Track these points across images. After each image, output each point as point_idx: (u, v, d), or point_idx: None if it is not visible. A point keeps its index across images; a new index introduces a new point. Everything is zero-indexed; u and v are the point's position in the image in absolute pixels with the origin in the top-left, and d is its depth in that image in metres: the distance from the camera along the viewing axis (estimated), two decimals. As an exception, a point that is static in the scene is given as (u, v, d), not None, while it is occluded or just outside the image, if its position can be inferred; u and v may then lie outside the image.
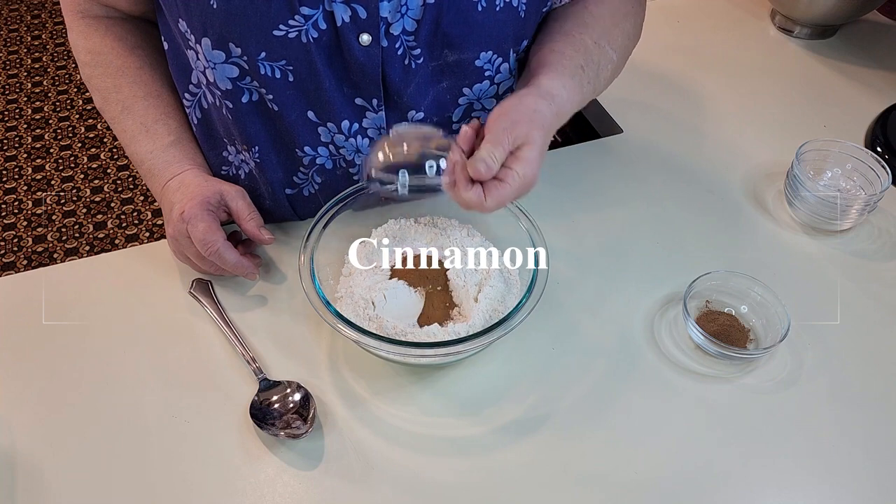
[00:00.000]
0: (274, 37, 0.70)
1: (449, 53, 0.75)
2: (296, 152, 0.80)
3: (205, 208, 0.76)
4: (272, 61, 0.72)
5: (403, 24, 0.72)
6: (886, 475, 0.68)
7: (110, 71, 0.82)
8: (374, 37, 0.71)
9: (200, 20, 0.70)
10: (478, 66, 0.77)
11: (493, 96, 0.81)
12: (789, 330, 0.74)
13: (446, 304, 0.75)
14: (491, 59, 0.77)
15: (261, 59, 0.71)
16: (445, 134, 0.69)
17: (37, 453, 0.68)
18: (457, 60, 0.76)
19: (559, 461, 0.68)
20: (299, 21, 0.69)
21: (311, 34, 0.70)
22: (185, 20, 0.72)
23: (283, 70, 0.72)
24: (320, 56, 0.72)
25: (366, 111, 0.77)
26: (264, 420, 0.69)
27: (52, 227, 2.10)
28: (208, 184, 0.79)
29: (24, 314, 0.79)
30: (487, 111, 0.82)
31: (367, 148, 0.80)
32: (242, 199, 0.79)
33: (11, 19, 2.81)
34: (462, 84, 0.78)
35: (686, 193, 0.93)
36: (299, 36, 0.70)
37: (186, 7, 0.70)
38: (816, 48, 1.17)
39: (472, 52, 0.76)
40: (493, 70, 0.78)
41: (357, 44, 0.71)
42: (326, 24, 0.70)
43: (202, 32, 0.71)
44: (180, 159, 0.81)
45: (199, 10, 0.70)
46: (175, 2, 0.71)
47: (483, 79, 0.78)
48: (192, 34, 0.72)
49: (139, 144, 0.81)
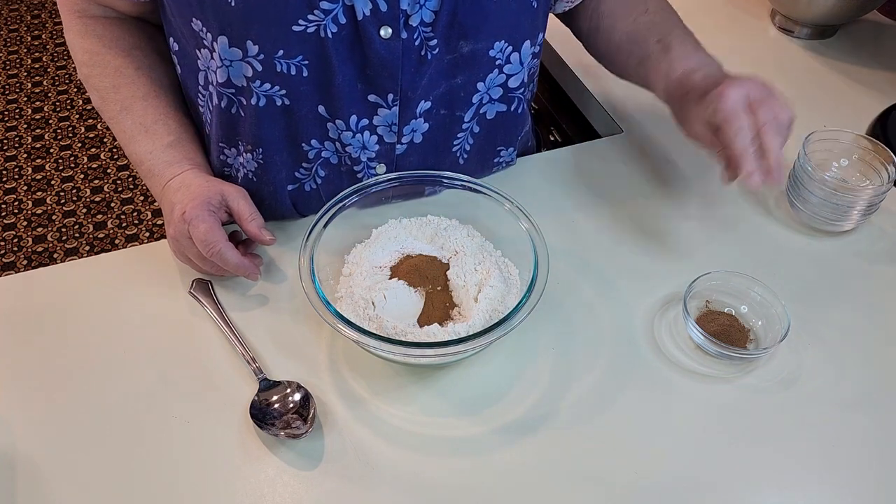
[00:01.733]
0: (293, 32, 0.70)
1: (464, 44, 0.76)
2: (301, 146, 0.80)
3: (206, 209, 0.76)
4: (289, 58, 0.71)
5: (422, 16, 0.72)
6: (887, 475, 0.68)
7: (108, 71, 0.82)
8: (395, 30, 0.71)
9: (217, 18, 0.70)
10: (491, 55, 0.78)
11: (500, 85, 0.82)
12: (789, 330, 0.74)
13: (446, 304, 0.75)
14: (503, 48, 0.78)
15: (277, 57, 0.71)
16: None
17: (37, 453, 0.68)
18: (471, 51, 0.77)
19: (559, 461, 0.68)
20: (318, 16, 0.69)
21: (331, 29, 0.70)
22: (201, 19, 0.72)
23: (298, 66, 0.72)
24: (338, 51, 0.72)
25: (378, 108, 0.77)
26: (264, 420, 0.69)
27: (52, 227, 2.10)
28: (209, 184, 0.79)
29: (24, 314, 0.79)
30: (494, 101, 0.83)
31: (375, 146, 0.80)
32: (244, 200, 0.79)
33: (11, 19, 2.81)
34: (476, 78, 0.79)
35: (686, 193, 0.93)
36: (318, 31, 0.70)
37: (202, 5, 0.70)
38: (816, 48, 1.17)
39: (486, 41, 0.76)
40: (503, 59, 0.79)
41: (378, 37, 0.71)
42: (346, 19, 0.70)
43: (219, 30, 0.71)
44: (180, 159, 0.81)
45: (216, 8, 0.69)
46: (189, 1, 0.71)
47: (494, 68, 0.79)
48: (209, 32, 0.72)
49: (138, 144, 0.81)
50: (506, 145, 0.90)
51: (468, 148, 0.87)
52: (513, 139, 0.91)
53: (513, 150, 0.92)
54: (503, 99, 0.84)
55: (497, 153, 0.91)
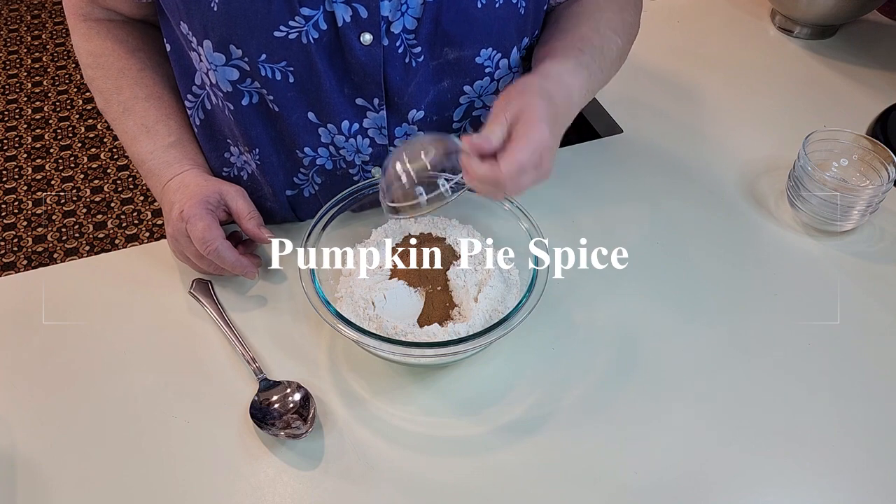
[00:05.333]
0: (274, 38, 0.70)
1: (449, 51, 0.75)
2: (296, 153, 0.80)
3: (204, 207, 0.76)
4: (273, 63, 0.72)
5: (404, 23, 0.72)
6: (887, 475, 0.68)
7: (111, 73, 0.82)
8: (375, 36, 0.71)
9: (201, 22, 0.70)
10: (478, 62, 0.77)
11: (493, 93, 0.81)
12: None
13: (446, 304, 0.75)
14: (491, 55, 0.77)
15: (261, 61, 0.71)
16: (449, 137, 0.69)
17: (37, 453, 0.68)
18: (457, 58, 0.76)
19: (559, 461, 0.68)
20: (299, 22, 0.69)
21: (312, 35, 0.70)
22: (187, 23, 0.72)
23: (283, 71, 0.72)
24: (321, 56, 0.72)
25: (366, 111, 0.77)
26: (264, 420, 0.69)
27: (52, 227, 2.10)
28: (208, 183, 0.79)
29: (24, 314, 0.79)
30: (488, 108, 0.82)
31: (368, 149, 0.80)
32: (242, 199, 0.79)
33: (11, 19, 2.81)
34: (463, 82, 0.78)
35: (686, 193, 0.93)
36: (300, 37, 0.70)
37: (188, 10, 0.71)
38: (816, 48, 1.17)
39: (472, 49, 0.76)
40: (493, 66, 0.78)
41: (358, 43, 0.71)
42: (327, 25, 0.70)
43: (203, 35, 0.71)
44: (180, 159, 0.81)
45: (200, 13, 0.70)
46: (176, 5, 0.71)
47: (483, 75, 0.79)
48: (194, 36, 0.72)
49: (140, 145, 0.81)
50: None
51: None
52: None
53: None
54: None
55: None
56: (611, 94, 1.07)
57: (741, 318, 0.80)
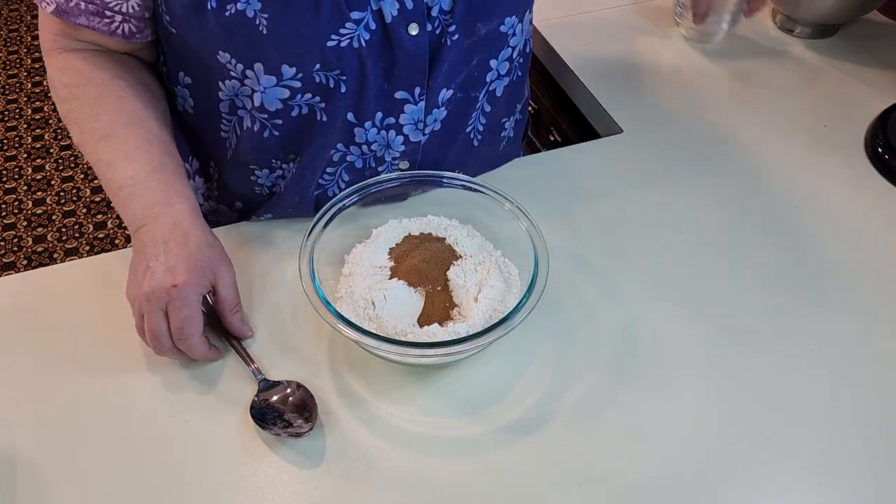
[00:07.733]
0: (327, 48, 0.70)
1: (482, 26, 0.76)
2: (328, 152, 0.80)
3: (196, 291, 0.70)
4: (326, 71, 0.72)
5: (440, 5, 0.73)
6: (887, 474, 0.68)
7: (87, 101, 0.77)
8: (421, 25, 0.72)
9: (251, 47, 0.70)
10: (502, 31, 0.79)
11: (507, 59, 0.83)
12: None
13: (446, 304, 0.75)
14: (513, 23, 0.79)
15: (315, 71, 0.72)
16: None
17: (37, 453, 0.68)
18: (487, 31, 0.77)
19: (559, 461, 0.68)
20: (350, 28, 0.70)
21: (363, 37, 0.71)
22: (229, 51, 0.71)
23: (336, 79, 0.73)
24: (371, 57, 0.72)
25: (405, 104, 0.77)
26: (264, 420, 0.69)
27: (52, 227, 2.10)
28: (210, 251, 0.73)
29: (24, 314, 0.79)
30: (502, 76, 0.84)
31: (400, 146, 0.81)
32: (233, 287, 0.75)
33: (11, 19, 2.81)
34: (489, 56, 0.80)
35: (686, 193, 0.93)
36: (351, 42, 0.71)
37: (230, 38, 0.70)
38: (817, 47, 1.17)
39: (499, 19, 0.77)
40: (511, 33, 0.80)
41: (407, 35, 0.72)
42: (376, 24, 0.71)
43: (253, 59, 0.71)
44: (165, 188, 0.75)
45: (248, 38, 0.69)
46: (213, 36, 0.70)
47: (506, 45, 0.81)
48: (240, 63, 0.72)
49: (117, 170, 0.74)
50: (508, 115, 0.92)
51: (480, 128, 0.88)
52: (513, 109, 0.92)
53: (513, 120, 0.93)
54: (507, 72, 0.85)
55: (502, 126, 0.92)
56: (611, 94, 1.07)
57: (742, 319, 0.80)
